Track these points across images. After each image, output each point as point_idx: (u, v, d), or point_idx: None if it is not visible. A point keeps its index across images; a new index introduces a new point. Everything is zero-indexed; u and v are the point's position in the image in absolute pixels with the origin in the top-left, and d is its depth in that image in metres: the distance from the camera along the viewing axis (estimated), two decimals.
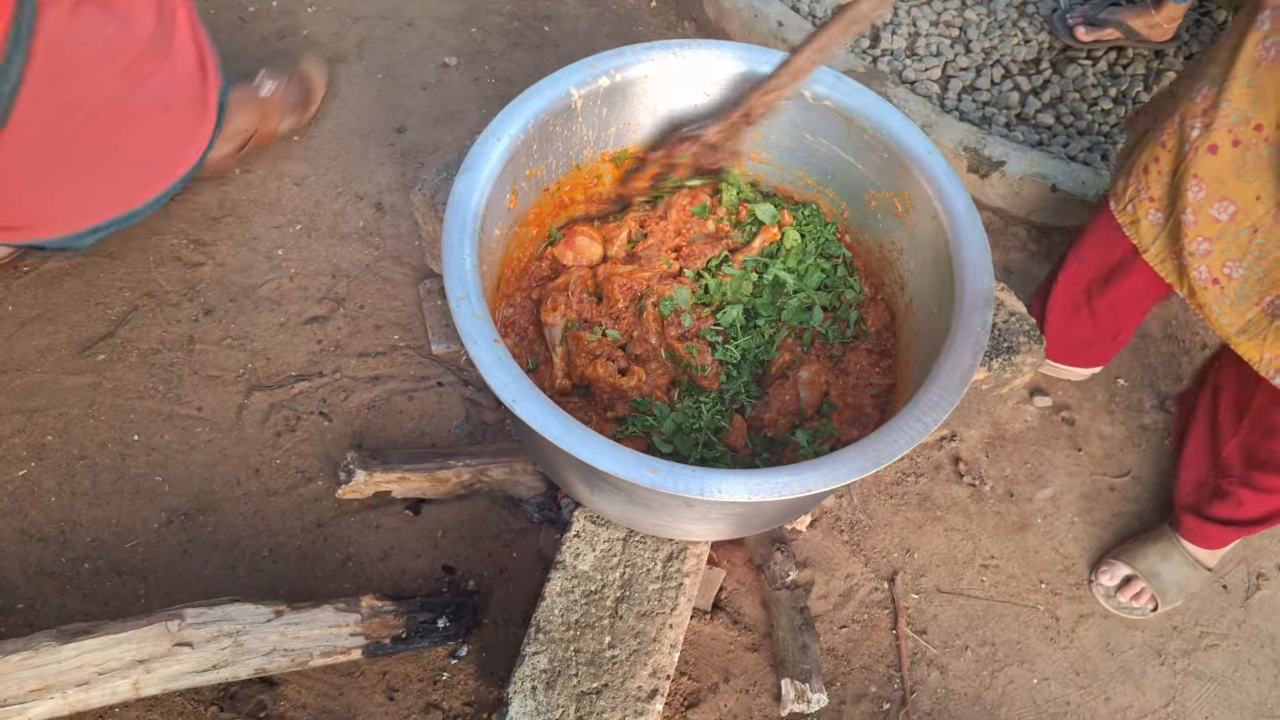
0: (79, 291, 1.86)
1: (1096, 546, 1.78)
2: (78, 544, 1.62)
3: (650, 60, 1.37)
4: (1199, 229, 1.29)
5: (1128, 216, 1.40)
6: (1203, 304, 1.33)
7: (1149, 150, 1.35)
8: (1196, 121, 1.25)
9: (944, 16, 2.36)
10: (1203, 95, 1.24)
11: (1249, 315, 1.28)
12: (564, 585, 1.34)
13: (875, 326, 1.42)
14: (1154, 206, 1.36)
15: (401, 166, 2.11)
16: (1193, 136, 1.26)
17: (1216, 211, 1.26)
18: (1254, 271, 1.26)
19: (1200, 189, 1.26)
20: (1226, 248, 1.27)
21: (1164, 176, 1.32)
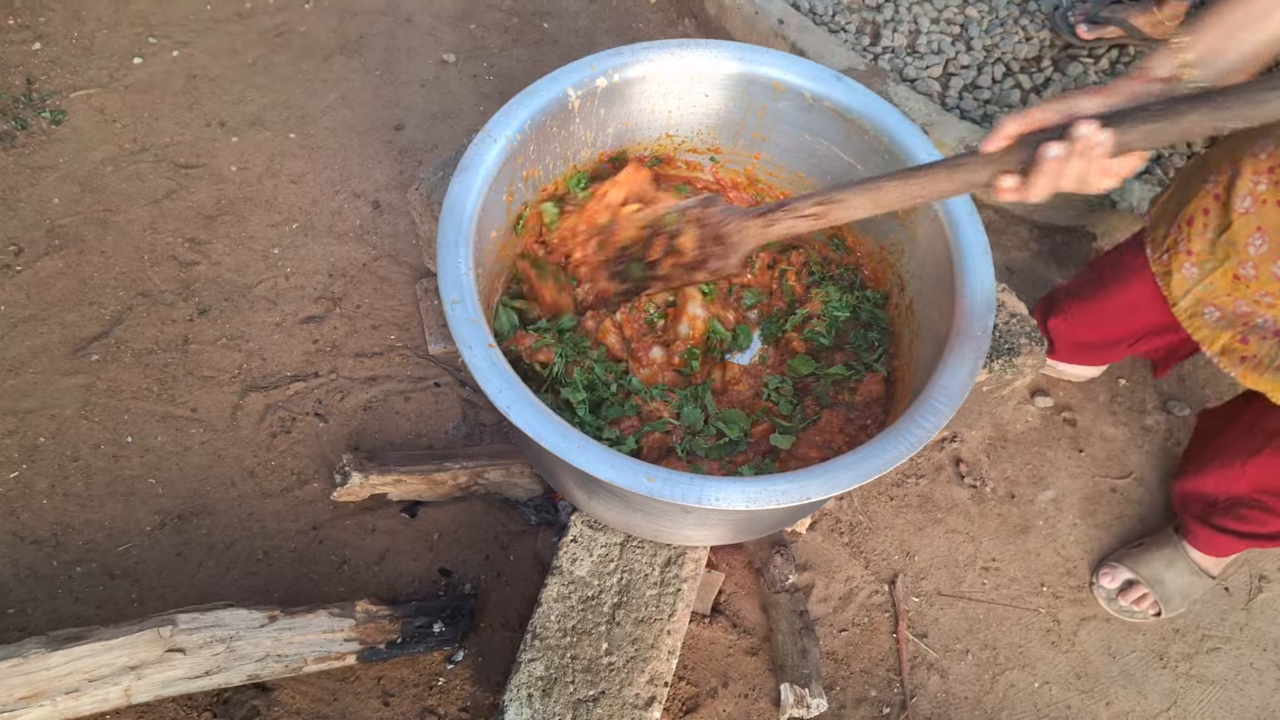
0: (73, 291, 1.84)
1: (1098, 549, 1.77)
2: (70, 547, 1.60)
3: (649, 60, 1.35)
4: (1260, 284, 1.25)
5: (1161, 266, 1.37)
6: (1236, 362, 1.29)
7: (1197, 201, 1.31)
8: (1263, 177, 1.21)
9: (945, 14, 2.34)
10: (1268, 153, 1.20)
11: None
12: (561, 591, 1.33)
13: (864, 399, 1.34)
14: (1190, 260, 1.33)
15: (400, 164, 2.09)
16: (1259, 190, 1.21)
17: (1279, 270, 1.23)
18: None
19: (1263, 243, 1.22)
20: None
21: (1208, 231, 1.29)
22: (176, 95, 2.12)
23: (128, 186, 1.97)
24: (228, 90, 2.14)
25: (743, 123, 1.45)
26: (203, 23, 2.24)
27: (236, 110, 2.12)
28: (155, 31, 2.21)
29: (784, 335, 1.42)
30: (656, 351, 1.34)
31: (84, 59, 2.14)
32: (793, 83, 1.36)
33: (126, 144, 2.03)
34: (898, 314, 1.40)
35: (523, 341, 1.32)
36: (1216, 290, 1.31)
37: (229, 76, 2.16)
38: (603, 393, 1.32)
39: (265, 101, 2.14)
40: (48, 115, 2.04)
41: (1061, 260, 2.10)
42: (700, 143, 1.50)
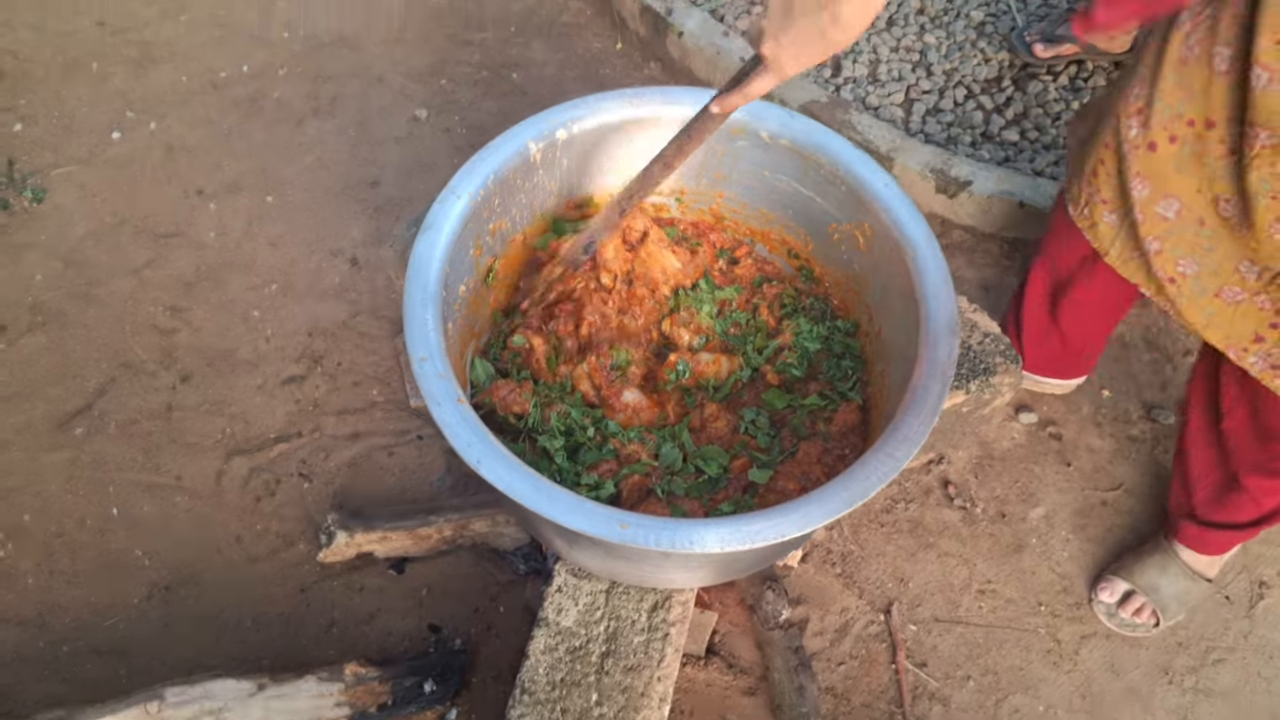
0: (56, 366, 1.85)
1: (1093, 563, 1.75)
2: (56, 626, 1.59)
3: (606, 110, 1.37)
4: (1147, 228, 1.28)
5: (1086, 221, 1.40)
6: (1171, 299, 1.32)
7: (1095, 153, 1.35)
8: (1133, 121, 1.25)
9: (904, 42, 2.38)
10: (1135, 95, 1.24)
11: (1209, 309, 1.28)
12: (548, 643, 1.32)
13: (840, 428, 1.34)
14: (1107, 208, 1.35)
15: (376, 220, 2.12)
16: (1131, 135, 1.25)
17: (1162, 209, 1.26)
18: (1206, 265, 1.26)
19: (1144, 187, 1.26)
20: (1176, 245, 1.27)
21: (1112, 178, 1.32)
22: (155, 167, 2.15)
23: (108, 259, 1.99)
24: (205, 159, 2.18)
25: (704, 164, 1.48)
26: (179, 95, 2.29)
27: (214, 178, 2.15)
28: (133, 106, 2.25)
29: (758, 369, 1.43)
30: (628, 396, 1.35)
31: (64, 137, 2.18)
32: (748, 123, 1.38)
33: (107, 217, 2.06)
34: (869, 342, 1.41)
35: (497, 393, 1.33)
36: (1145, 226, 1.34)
37: (206, 146, 2.20)
38: (580, 438, 1.32)
39: (242, 168, 2.17)
40: (29, 194, 2.07)
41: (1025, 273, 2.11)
42: (665, 185, 1.52)
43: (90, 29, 2.39)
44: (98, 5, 2.45)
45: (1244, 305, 1.25)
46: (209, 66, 2.35)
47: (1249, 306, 1.25)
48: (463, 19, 2.53)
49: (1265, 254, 1.19)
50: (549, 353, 1.40)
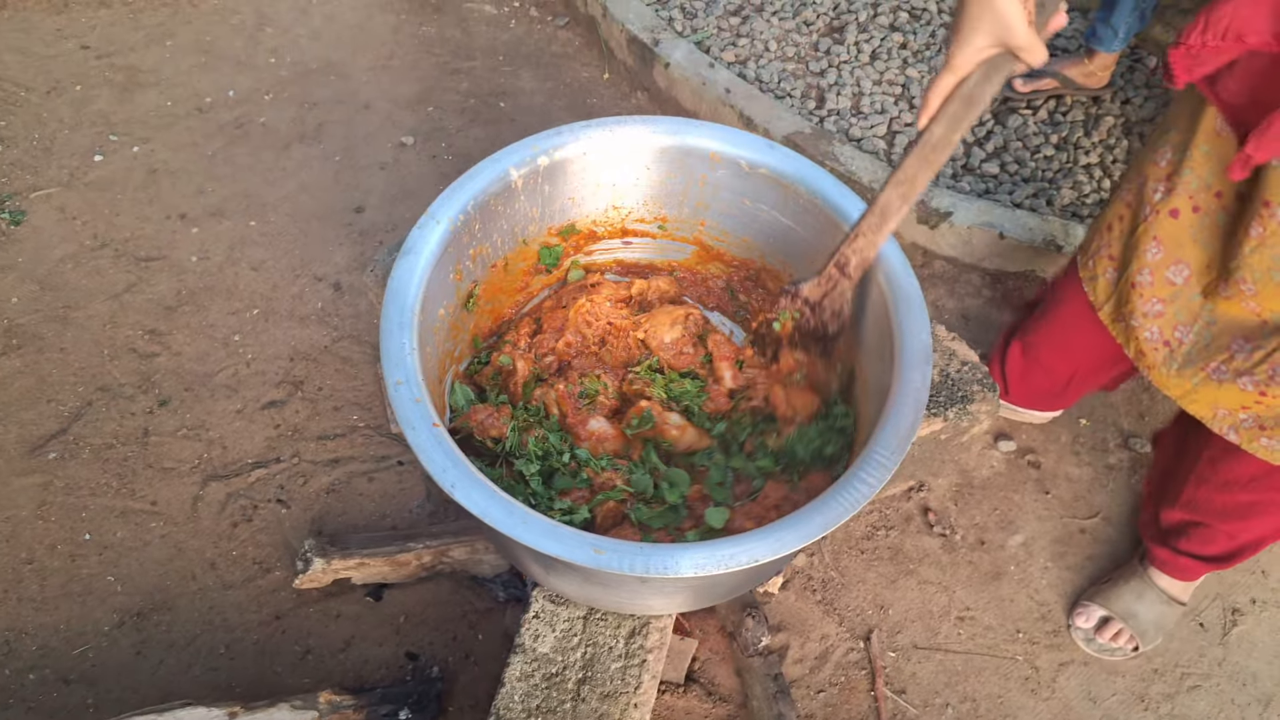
0: (30, 389, 1.83)
1: (1071, 591, 1.76)
2: (23, 653, 1.56)
3: (587, 137, 1.39)
4: (1154, 290, 1.29)
5: (1088, 272, 1.42)
6: (1151, 366, 1.33)
7: (1114, 208, 1.37)
8: (1160, 185, 1.26)
9: (886, 75, 2.42)
10: (1166, 160, 1.25)
11: (1194, 380, 1.29)
12: (524, 669, 1.30)
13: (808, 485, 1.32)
14: (1112, 265, 1.37)
15: (360, 246, 2.12)
16: (1155, 199, 1.27)
17: (1172, 274, 1.27)
18: (1203, 337, 1.27)
19: (1158, 250, 1.28)
20: (1179, 311, 1.28)
21: (1123, 236, 1.34)
22: (137, 190, 2.15)
23: (87, 282, 1.98)
24: (188, 183, 2.18)
25: (685, 192, 1.49)
26: (163, 119, 2.29)
27: (197, 202, 2.15)
28: (116, 129, 2.25)
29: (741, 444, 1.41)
30: (594, 424, 1.35)
31: (45, 159, 2.18)
32: (728, 152, 1.40)
33: (86, 240, 2.05)
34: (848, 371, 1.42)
35: (474, 417, 1.33)
36: (1136, 295, 1.36)
37: (189, 170, 2.20)
38: (554, 463, 1.32)
39: (225, 192, 2.17)
40: (7, 216, 2.06)
41: (1015, 305, 2.13)
42: (647, 213, 1.53)
43: (75, 52, 2.40)
44: (84, 29, 2.46)
45: (1227, 384, 1.26)
46: (194, 91, 2.36)
47: (1231, 385, 1.26)
48: (451, 47, 2.56)
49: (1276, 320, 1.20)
50: (529, 377, 1.41)
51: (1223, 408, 1.29)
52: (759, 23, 2.50)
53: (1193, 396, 1.31)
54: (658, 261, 1.60)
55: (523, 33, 2.63)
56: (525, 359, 1.40)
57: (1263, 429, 1.27)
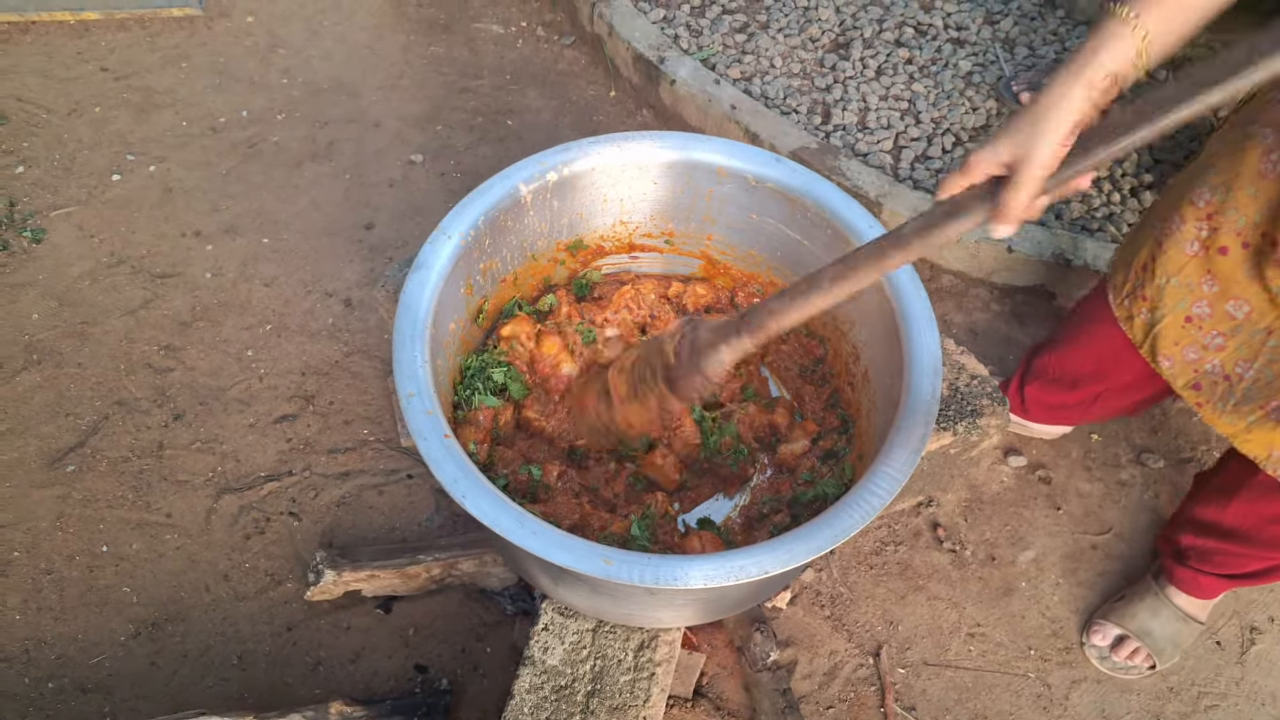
0: (49, 403, 1.86)
1: (1084, 608, 1.75)
2: (42, 662, 1.58)
3: (595, 153, 1.41)
4: (1214, 323, 1.28)
5: (1124, 311, 1.41)
6: (1202, 403, 1.32)
7: (1147, 248, 1.35)
8: (1204, 224, 1.25)
9: (893, 91, 2.44)
10: (1205, 201, 1.25)
11: (1252, 418, 1.28)
12: (533, 682, 1.31)
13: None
14: (1146, 306, 1.36)
15: (370, 262, 2.14)
16: (1203, 236, 1.26)
17: (1232, 308, 1.26)
18: (1264, 374, 1.25)
19: (1214, 285, 1.27)
20: (1240, 345, 1.27)
21: (1156, 277, 1.33)
22: (153, 208, 2.18)
23: (105, 299, 2.01)
24: (202, 201, 2.21)
25: (692, 207, 1.51)
26: (178, 138, 2.33)
27: (211, 219, 2.18)
28: (133, 149, 2.30)
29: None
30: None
31: (65, 179, 2.22)
32: (734, 167, 1.42)
33: (104, 258, 2.08)
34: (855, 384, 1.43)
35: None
36: (1165, 339, 1.34)
37: (204, 188, 2.24)
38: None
39: (239, 209, 2.20)
40: (29, 234, 2.10)
41: (1024, 320, 2.14)
42: (654, 228, 1.55)
43: (94, 74, 2.45)
44: (103, 52, 2.51)
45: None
46: (209, 111, 2.41)
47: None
48: (459, 67, 2.60)
49: None
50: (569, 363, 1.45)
51: (1277, 448, 1.28)
52: (764, 39, 2.52)
53: (1246, 435, 1.29)
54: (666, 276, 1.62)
55: (529, 52, 2.67)
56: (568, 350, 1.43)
57: None
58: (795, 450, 1.39)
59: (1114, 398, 1.70)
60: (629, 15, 2.50)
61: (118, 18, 2.57)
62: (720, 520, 1.39)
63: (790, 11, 2.61)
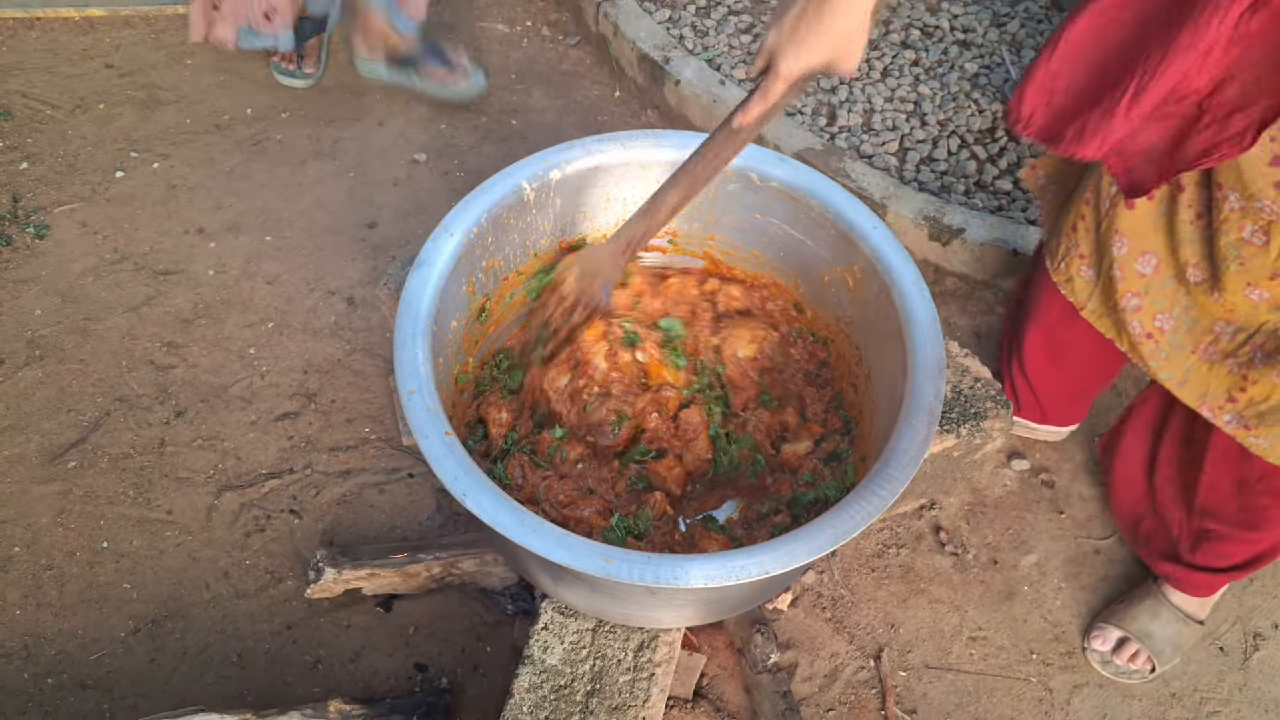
0: (51, 400, 1.86)
1: (1086, 612, 1.74)
2: (42, 658, 1.58)
3: (599, 152, 1.41)
4: (1126, 284, 1.30)
5: (1062, 275, 1.42)
6: (1144, 358, 1.33)
7: (1075, 208, 1.37)
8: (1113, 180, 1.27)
9: (898, 92, 2.43)
10: None
11: (1187, 364, 1.29)
12: (532, 681, 1.30)
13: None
14: (1084, 263, 1.37)
15: (373, 260, 2.14)
16: (1111, 192, 1.28)
17: (1140, 265, 1.27)
18: (1183, 321, 1.27)
19: (1123, 244, 1.28)
20: (1154, 300, 1.28)
21: (1090, 233, 1.35)
22: (156, 205, 2.18)
23: (107, 295, 2.01)
24: (206, 198, 2.21)
25: (697, 205, 1.50)
26: (183, 135, 2.34)
27: (214, 217, 2.18)
28: (137, 146, 2.30)
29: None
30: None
31: (69, 175, 2.22)
32: (739, 166, 1.41)
33: (107, 254, 2.08)
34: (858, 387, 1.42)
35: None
36: (1100, 301, 1.36)
37: (207, 185, 2.24)
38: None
39: (242, 207, 2.20)
40: (32, 230, 2.10)
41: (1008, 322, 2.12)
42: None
43: (99, 71, 2.45)
44: (108, 49, 2.51)
45: (1217, 366, 1.26)
46: (213, 109, 2.41)
47: (1221, 368, 1.26)
48: None
49: (1242, 315, 1.20)
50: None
51: (1211, 397, 1.28)
52: None
53: (1184, 386, 1.30)
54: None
55: (534, 51, 2.67)
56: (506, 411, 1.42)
57: (1247, 427, 1.25)
58: (798, 450, 1.38)
59: (1093, 383, 1.73)
60: (634, 15, 2.50)
61: (123, 14, 2.57)
62: (722, 519, 1.38)
63: None
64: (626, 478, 1.36)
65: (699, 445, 1.38)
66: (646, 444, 1.38)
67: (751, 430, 1.40)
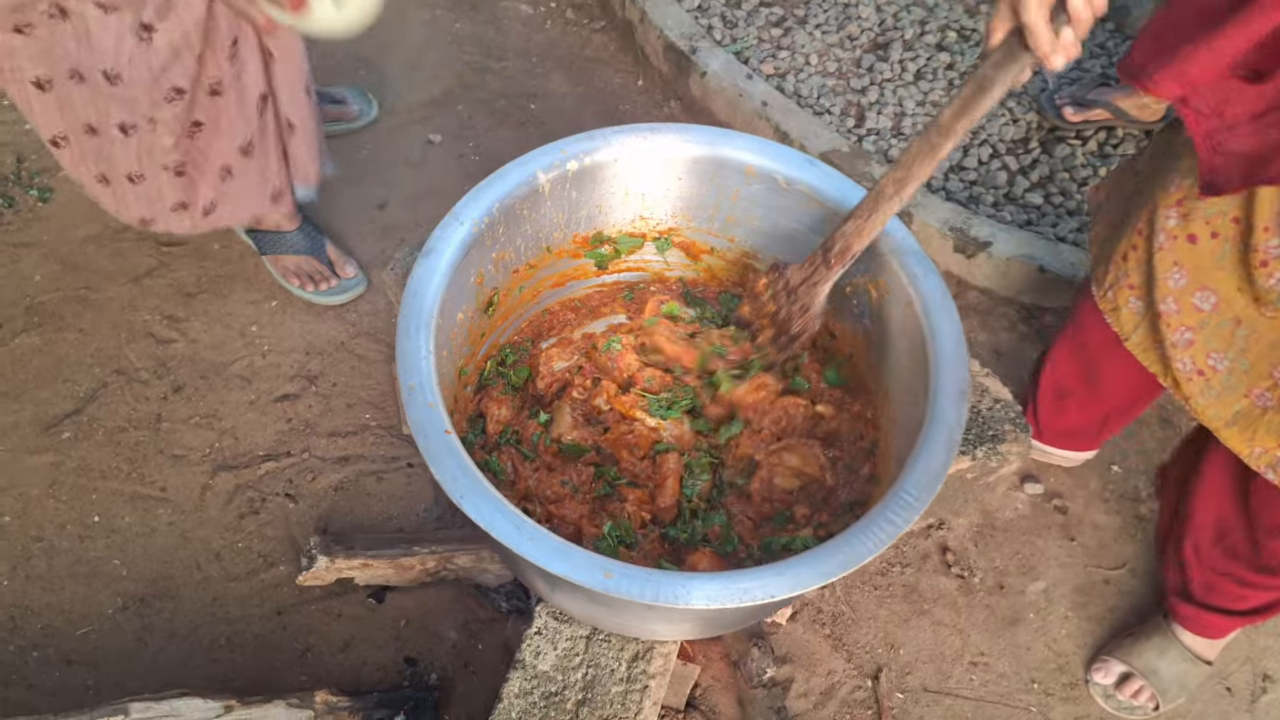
0: (48, 368, 1.83)
1: (1092, 643, 1.69)
2: (28, 631, 1.55)
3: (619, 143, 1.35)
4: (1181, 318, 1.25)
5: (1108, 303, 1.37)
6: (1188, 396, 1.28)
7: (1127, 238, 1.32)
8: (1172, 211, 1.22)
9: (930, 96, 2.37)
10: (1176, 186, 1.21)
11: (1237, 407, 1.23)
12: (522, 686, 1.27)
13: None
14: (1134, 294, 1.32)
15: (381, 242, 2.10)
16: (1169, 225, 1.23)
17: (1199, 300, 1.22)
18: (1239, 364, 1.22)
19: (1181, 276, 1.23)
20: (1209, 338, 1.23)
21: (1142, 265, 1.29)
22: None
23: (109, 264, 1.98)
24: None
25: (716, 205, 1.45)
26: None
27: None
28: None
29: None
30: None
31: None
32: (765, 167, 1.36)
33: (111, 222, 2.04)
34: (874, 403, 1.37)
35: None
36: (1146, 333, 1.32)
37: None
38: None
39: None
40: (35, 193, 2.06)
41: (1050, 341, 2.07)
42: (675, 225, 1.50)
43: None
44: None
45: (1271, 413, 1.21)
46: None
47: (1275, 416, 1.20)
48: (484, 47, 2.54)
49: None
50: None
51: (1259, 444, 1.23)
52: (801, 35, 2.46)
53: (1231, 428, 1.26)
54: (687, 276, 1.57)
55: (557, 34, 2.61)
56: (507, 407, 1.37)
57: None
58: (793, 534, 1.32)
59: (1121, 415, 1.66)
60: (662, 2, 2.44)
61: None
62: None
63: (830, 8, 2.54)
64: (598, 488, 1.30)
65: (667, 493, 1.28)
66: (619, 472, 1.31)
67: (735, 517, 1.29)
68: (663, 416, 1.32)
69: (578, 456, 1.31)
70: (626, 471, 1.30)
